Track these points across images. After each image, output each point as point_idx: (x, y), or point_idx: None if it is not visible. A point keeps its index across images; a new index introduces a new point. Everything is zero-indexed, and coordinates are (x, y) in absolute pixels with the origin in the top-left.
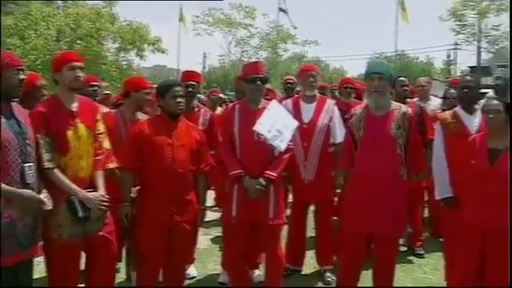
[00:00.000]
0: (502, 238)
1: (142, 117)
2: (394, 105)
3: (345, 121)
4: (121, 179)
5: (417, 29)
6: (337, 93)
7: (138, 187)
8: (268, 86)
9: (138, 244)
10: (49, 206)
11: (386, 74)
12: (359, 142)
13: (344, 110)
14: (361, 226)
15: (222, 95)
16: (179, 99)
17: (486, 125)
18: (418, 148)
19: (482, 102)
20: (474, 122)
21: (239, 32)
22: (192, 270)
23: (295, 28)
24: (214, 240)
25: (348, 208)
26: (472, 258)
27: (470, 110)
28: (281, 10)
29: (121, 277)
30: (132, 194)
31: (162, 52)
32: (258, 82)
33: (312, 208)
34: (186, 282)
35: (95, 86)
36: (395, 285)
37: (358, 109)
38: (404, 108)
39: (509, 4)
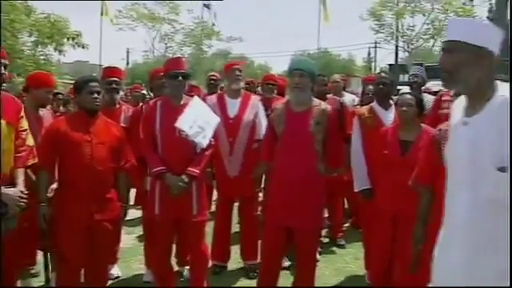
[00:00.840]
0: (409, 224)
1: (43, 113)
2: (315, 101)
3: (267, 116)
4: (36, 178)
5: (339, 27)
6: (259, 89)
7: (54, 186)
8: (193, 82)
9: (56, 245)
10: None
11: (308, 71)
12: (279, 136)
13: (267, 106)
14: (280, 220)
15: (144, 91)
16: (95, 95)
17: (399, 117)
18: (337, 144)
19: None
20: (389, 116)
21: (163, 27)
22: (116, 270)
23: (213, 25)
24: (139, 239)
25: (269, 202)
26: (385, 243)
27: (386, 105)
28: (205, 5)
29: (39, 280)
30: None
31: (83, 47)
32: (180, 78)
33: (236, 204)
34: (110, 283)
35: None
36: (317, 275)
37: (279, 104)
38: (324, 105)
39: (423, 7)
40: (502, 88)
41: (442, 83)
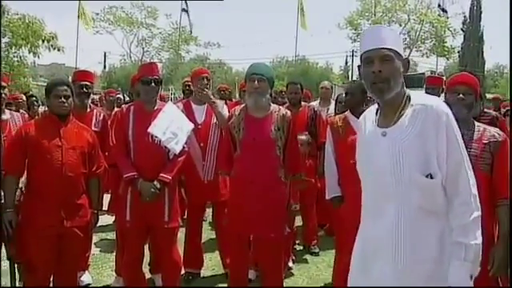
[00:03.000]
0: None
1: (7, 117)
2: (273, 107)
3: None
4: (2, 183)
5: (317, 35)
6: (237, 95)
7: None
8: (170, 87)
9: (24, 252)
10: None
11: (267, 76)
12: (239, 143)
13: None
14: (241, 228)
15: (120, 96)
16: (63, 99)
17: None
18: (296, 150)
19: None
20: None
21: (141, 32)
22: (86, 278)
23: (190, 32)
24: (111, 245)
25: (229, 209)
26: None
27: (358, 114)
28: (183, 10)
29: None
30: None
31: (59, 50)
32: (153, 84)
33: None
34: None
35: None
36: (291, 283)
37: (236, 110)
38: (283, 110)
39: (400, 17)
40: (415, 97)
41: (378, 94)
